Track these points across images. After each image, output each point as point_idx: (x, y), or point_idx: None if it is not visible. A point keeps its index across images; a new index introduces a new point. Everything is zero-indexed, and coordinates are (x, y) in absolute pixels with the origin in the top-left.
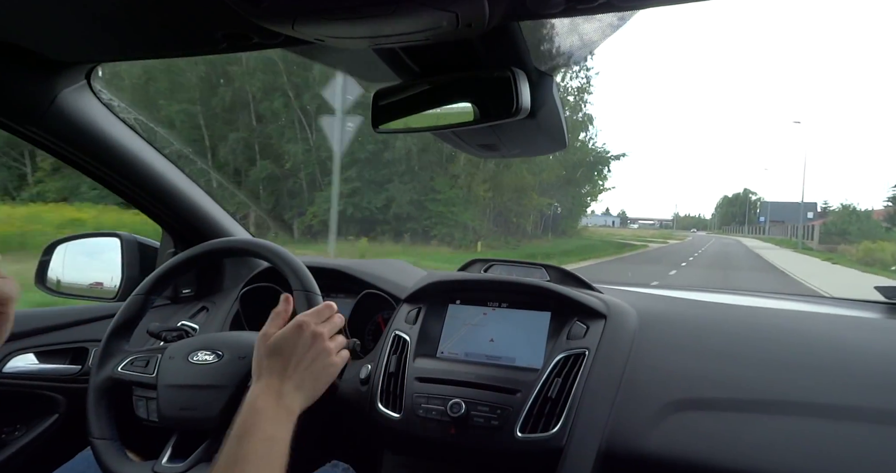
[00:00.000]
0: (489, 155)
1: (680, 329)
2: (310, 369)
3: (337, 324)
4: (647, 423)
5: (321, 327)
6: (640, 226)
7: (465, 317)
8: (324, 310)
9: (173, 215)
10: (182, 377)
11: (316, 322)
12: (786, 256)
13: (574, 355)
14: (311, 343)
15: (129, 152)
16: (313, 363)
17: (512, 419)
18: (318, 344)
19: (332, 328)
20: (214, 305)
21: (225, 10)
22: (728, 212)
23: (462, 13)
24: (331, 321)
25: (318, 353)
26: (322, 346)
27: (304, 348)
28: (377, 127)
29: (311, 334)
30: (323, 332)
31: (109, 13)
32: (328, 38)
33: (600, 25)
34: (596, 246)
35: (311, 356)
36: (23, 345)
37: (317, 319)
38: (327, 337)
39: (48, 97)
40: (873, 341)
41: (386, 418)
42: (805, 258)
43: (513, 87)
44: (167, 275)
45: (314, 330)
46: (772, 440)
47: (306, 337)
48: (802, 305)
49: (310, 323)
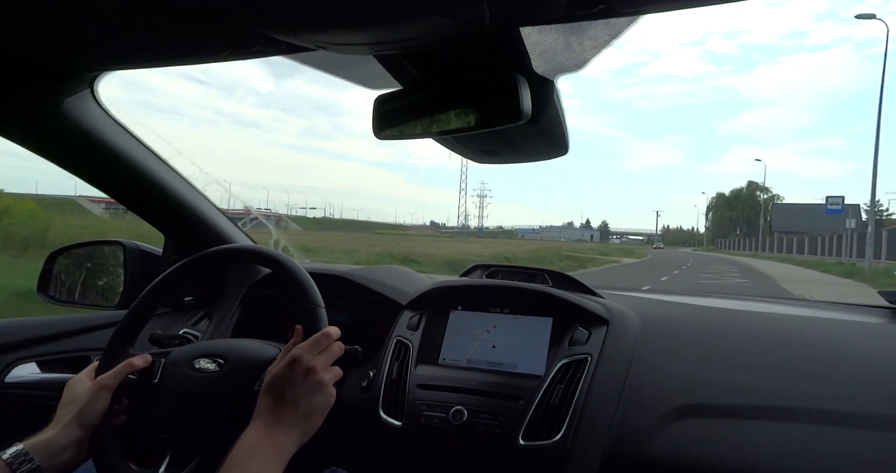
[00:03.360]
0: (490, 161)
1: (683, 335)
2: (301, 406)
3: (335, 353)
4: (650, 430)
5: (315, 359)
6: (623, 241)
7: (467, 323)
8: (321, 339)
9: (176, 222)
10: (183, 384)
11: (310, 355)
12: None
13: (576, 361)
14: (303, 379)
15: (131, 160)
16: (305, 400)
17: (514, 426)
18: (310, 380)
19: (329, 358)
20: (217, 312)
21: (227, 18)
22: (725, 218)
23: (462, 19)
24: (328, 350)
25: (311, 389)
26: (315, 380)
27: (296, 385)
28: (379, 134)
29: (304, 370)
30: (316, 366)
31: (112, 22)
32: (329, 45)
33: (601, 31)
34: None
35: (303, 392)
36: (25, 354)
37: (312, 351)
38: (321, 370)
39: (51, 106)
40: (877, 346)
41: (387, 425)
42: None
43: (514, 92)
44: (170, 281)
45: (307, 365)
46: (776, 446)
47: (299, 374)
48: (806, 310)
49: (303, 357)
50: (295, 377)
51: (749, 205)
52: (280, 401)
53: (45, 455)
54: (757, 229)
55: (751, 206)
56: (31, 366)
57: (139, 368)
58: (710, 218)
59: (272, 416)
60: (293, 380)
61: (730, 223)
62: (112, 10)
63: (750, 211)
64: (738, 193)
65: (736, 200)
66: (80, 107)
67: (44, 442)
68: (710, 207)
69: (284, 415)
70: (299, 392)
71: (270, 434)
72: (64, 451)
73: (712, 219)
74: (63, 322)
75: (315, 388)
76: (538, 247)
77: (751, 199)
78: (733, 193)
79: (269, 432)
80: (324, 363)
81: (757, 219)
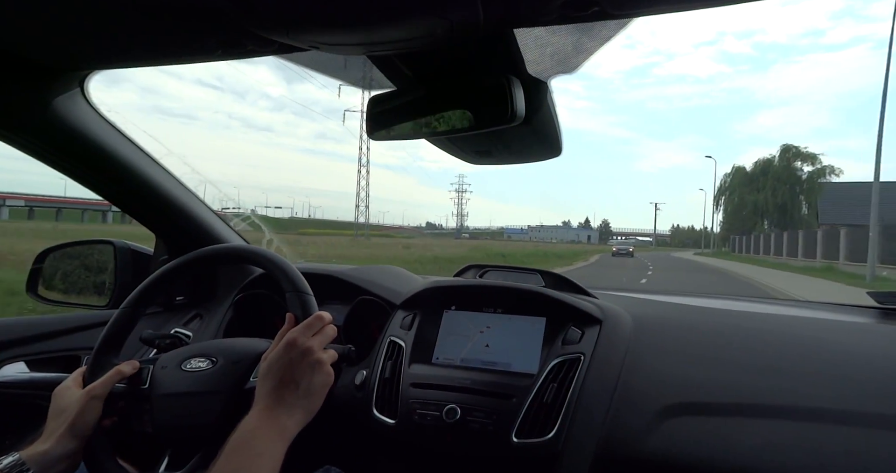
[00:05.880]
0: (484, 161)
1: (675, 334)
2: (301, 386)
3: (329, 335)
4: (643, 428)
5: (311, 341)
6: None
7: (461, 323)
8: (314, 322)
9: (167, 222)
10: (176, 385)
11: (305, 337)
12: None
13: (569, 360)
14: (301, 360)
15: (122, 160)
16: (305, 380)
17: (507, 424)
18: (308, 359)
19: (324, 339)
20: (208, 312)
21: (220, 17)
22: (746, 203)
23: (456, 20)
24: (322, 332)
25: (309, 369)
26: (312, 359)
27: (294, 366)
28: (372, 134)
29: (301, 351)
30: (312, 346)
31: (103, 20)
32: (322, 45)
33: (595, 33)
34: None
35: (301, 373)
36: (13, 354)
37: (307, 333)
38: (318, 350)
39: (41, 105)
40: (867, 345)
41: (381, 424)
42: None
43: (507, 93)
44: (156, 285)
45: (304, 346)
46: (767, 444)
47: (296, 354)
48: (797, 310)
49: (298, 339)
50: (292, 359)
51: (784, 181)
52: (279, 383)
53: (40, 467)
54: (796, 220)
55: (787, 183)
56: (19, 365)
57: (128, 375)
58: (724, 206)
59: (273, 398)
60: (291, 362)
61: (753, 211)
62: (103, 7)
63: (785, 192)
64: (768, 165)
65: (763, 176)
66: (70, 106)
67: (39, 454)
68: (721, 188)
69: (286, 396)
70: (298, 372)
71: (272, 414)
72: (59, 462)
73: (726, 207)
74: (52, 322)
75: (314, 367)
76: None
77: (786, 173)
78: (759, 165)
79: (271, 413)
80: (319, 344)
81: (796, 203)
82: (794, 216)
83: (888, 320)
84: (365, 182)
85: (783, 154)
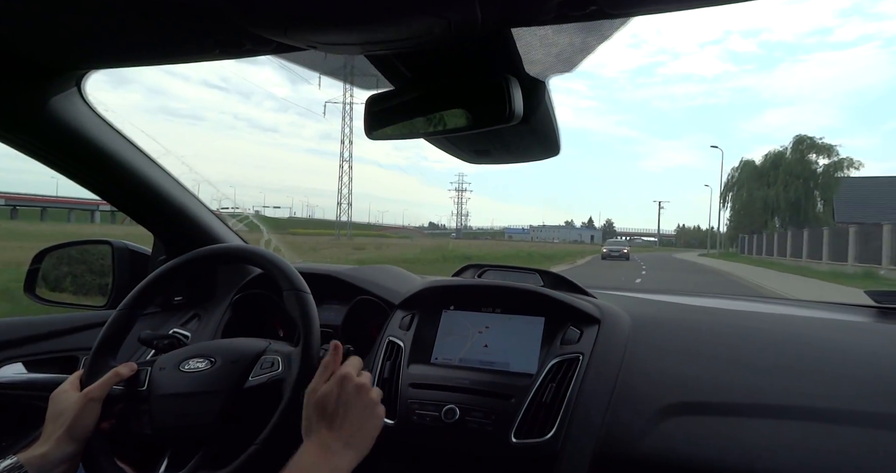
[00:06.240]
0: (483, 161)
1: (673, 334)
2: (356, 424)
3: (369, 376)
4: (642, 427)
5: (363, 377)
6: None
7: (459, 323)
8: (358, 361)
9: (165, 222)
10: (175, 386)
11: (357, 373)
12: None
13: (568, 360)
14: (356, 398)
15: (119, 160)
16: (360, 418)
17: (506, 424)
18: (364, 399)
19: (370, 379)
20: (207, 312)
21: (217, 16)
22: (755, 199)
23: (454, 20)
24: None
25: (365, 409)
26: (368, 399)
27: (350, 404)
28: (371, 134)
29: (356, 387)
30: (366, 383)
31: (99, 20)
32: (320, 44)
33: (594, 32)
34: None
35: (357, 411)
36: (11, 354)
37: (358, 367)
38: (371, 389)
39: (38, 104)
40: (864, 344)
41: None
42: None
43: (505, 93)
44: (154, 286)
45: (357, 383)
46: (766, 444)
47: (351, 391)
48: (794, 309)
49: (353, 376)
50: (349, 395)
51: (797, 176)
52: (334, 421)
53: (39, 470)
54: (810, 217)
55: (800, 177)
56: (17, 366)
57: (125, 377)
58: (731, 202)
59: (327, 436)
60: (347, 398)
61: (762, 208)
62: (100, 6)
63: (799, 187)
64: (779, 158)
65: (773, 169)
66: (67, 105)
67: (38, 457)
68: (729, 183)
69: (341, 436)
70: (353, 412)
71: (326, 453)
72: (58, 466)
73: (733, 204)
74: (50, 322)
75: (369, 408)
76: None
77: (800, 167)
78: (770, 158)
79: (326, 451)
80: (369, 380)
81: (810, 200)
82: (809, 214)
83: (886, 319)
84: (347, 178)
85: (796, 146)
